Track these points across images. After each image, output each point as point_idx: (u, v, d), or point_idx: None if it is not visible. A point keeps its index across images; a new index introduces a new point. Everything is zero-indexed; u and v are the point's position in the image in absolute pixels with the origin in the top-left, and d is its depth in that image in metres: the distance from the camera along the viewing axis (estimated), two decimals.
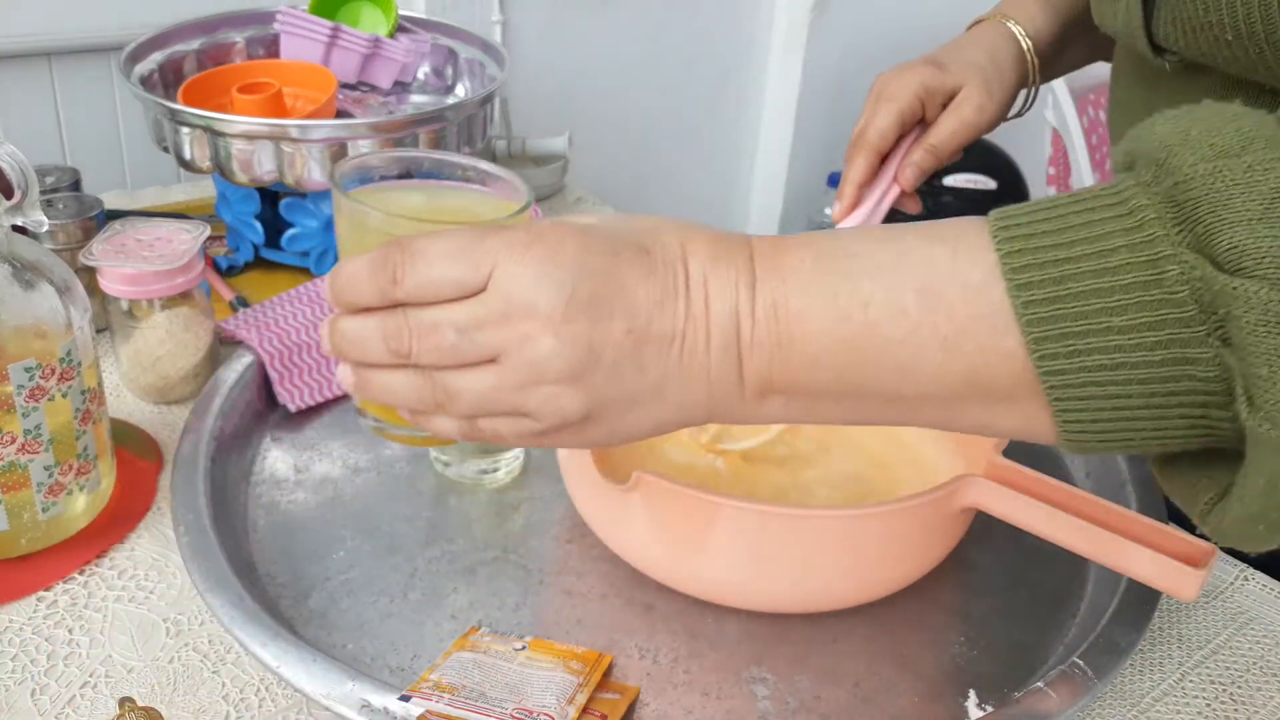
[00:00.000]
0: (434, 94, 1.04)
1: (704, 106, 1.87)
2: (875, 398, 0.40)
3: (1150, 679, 0.58)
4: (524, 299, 0.39)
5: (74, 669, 0.55)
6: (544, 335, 0.39)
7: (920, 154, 0.71)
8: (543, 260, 0.39)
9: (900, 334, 0.38)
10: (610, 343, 0.39)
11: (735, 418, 0.42)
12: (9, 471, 0.58)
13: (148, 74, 0.92)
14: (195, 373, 0.76)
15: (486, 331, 0.40)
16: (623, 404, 0.41)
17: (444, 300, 0.40)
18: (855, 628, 0.59)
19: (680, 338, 0.40)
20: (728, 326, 0.40)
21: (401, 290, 0.40)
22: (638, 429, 0.42)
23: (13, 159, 0.56)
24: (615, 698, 0.53)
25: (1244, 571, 0.65)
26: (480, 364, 0.41)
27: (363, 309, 0.42)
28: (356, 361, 0.43)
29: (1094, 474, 0.72)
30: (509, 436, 0.43)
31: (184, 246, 0.72)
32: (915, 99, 0.70)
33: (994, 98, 0.71)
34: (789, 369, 0.40)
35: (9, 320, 0.56)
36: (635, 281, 0.40)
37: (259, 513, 0.66)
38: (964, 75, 0.71)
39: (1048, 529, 0.53)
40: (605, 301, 0.39)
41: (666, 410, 0.41)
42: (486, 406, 0.41)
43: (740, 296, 0.40)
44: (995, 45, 0.72)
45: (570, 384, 0.40)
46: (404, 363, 0.42)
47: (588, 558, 0.63)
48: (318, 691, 0.50)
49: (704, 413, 0.42)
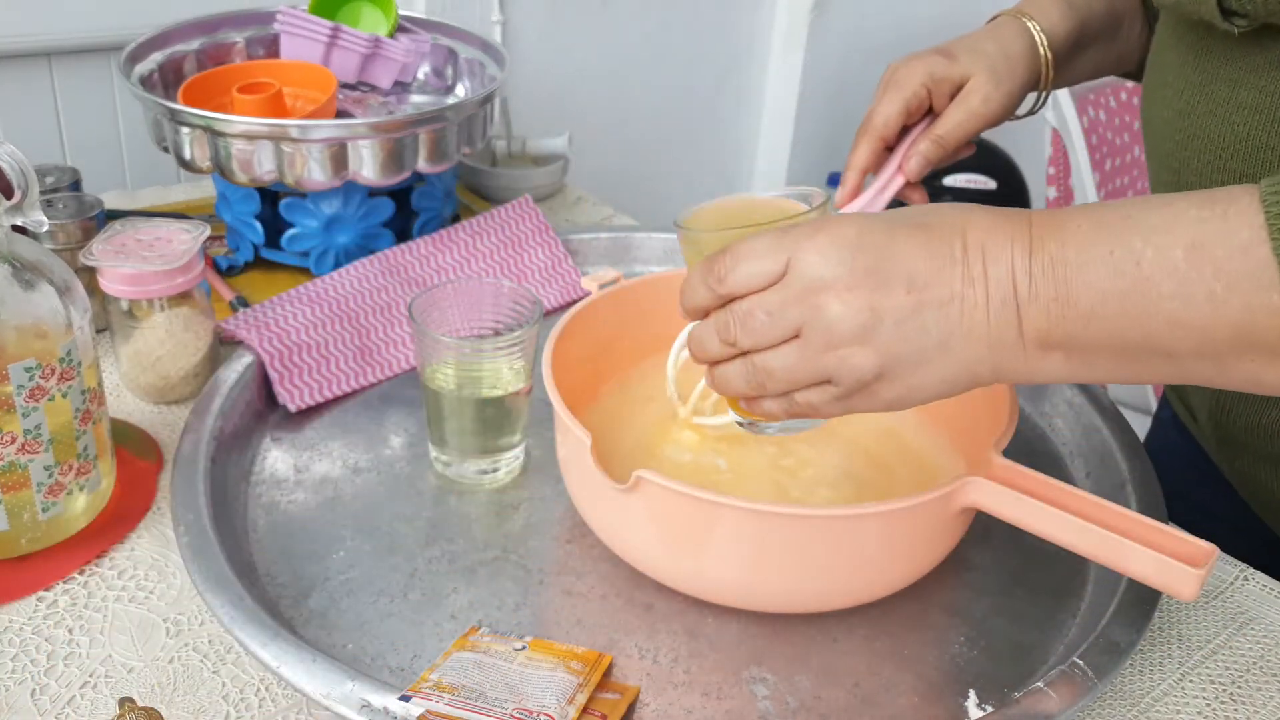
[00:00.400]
0: (434, 94, 1.04)
1: (704, 106, 1.87)
2: (1150, 354, 0.44)
3: (1150, 679, 0.58)
4: (814, 275, 0.46)
5: (74, 669, 0.55)
6: (832, 303, 0.46)
7: (926, 144, 0.71)
8: (827, 243, 0.46)
9: (1170, 288, 0.42)
10: (891, 305, 0.45)
11: (1018, 374, 0.47)
12: (9, 471, 0.58)
13: (148, 74, 0.92)
14: (195, 373, 0.76)
15: (789, 309, 0.47)
16: (911, 361, 0.46)
17: (756, 290, 0.47)
18: (855, 627, 0.59)
19: (959, 299, 0.45)
20: (1005, 285, 0.45)
21: (724, 286, 0.48)
22: (928, 387, 0.47)
23: (12, 159, 0.56)
24: (615, 698, 0.53)
25: (1244, 571, 0.65)
26: (787, 341, 0.47)
27: (702, 311, 0.50)
28: (706, 361, 0.51)
29: (1093, 474, 0.72)
30: (820, 405, 0.48)
31: (184, 246, 0.72)
32: (921, 87, 0.70)
33: (1001, 89, 0.70)
34: (1065, 322, 0.44)
35: (9, 320, 0.56)
36: (912, 252, 0.45)
37: (259, 513, 0.66)
38: (972, 65, 0.70)
39: (1048, 530, 0.53)
40: (884, 270, 0.45)
41: (952, 367, 0.46)
42: (796, 377, 0.48)
43: (1016, 256, 0.44)
44: (1008, 39, 0.72)
45: (860, 344, 0.46)
46: (733, 352, 0.49)
47: (587, 558, 0.63)
48: (318, 691, 0.50)
49: (988, 369, 0.46)
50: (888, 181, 0.72)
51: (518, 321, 0.69)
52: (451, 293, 0.69)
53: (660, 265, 0.95)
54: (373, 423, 0.75)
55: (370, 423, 0.75)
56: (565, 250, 0.93)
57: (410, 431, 0.74)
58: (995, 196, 1.88)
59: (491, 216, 0.93)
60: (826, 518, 0.55)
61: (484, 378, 0.66)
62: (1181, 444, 0.80)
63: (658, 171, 1.86)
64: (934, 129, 0.71)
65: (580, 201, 1.14)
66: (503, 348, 0.65)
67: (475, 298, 0.69)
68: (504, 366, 0.66)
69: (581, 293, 0.90)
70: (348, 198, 0.88)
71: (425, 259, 0.87)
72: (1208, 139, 0.59)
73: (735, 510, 0.54)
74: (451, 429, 0.68)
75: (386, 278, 0.84)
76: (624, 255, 0.95)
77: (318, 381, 0.76)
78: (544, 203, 1.12)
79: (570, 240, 0.94)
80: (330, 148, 0.82)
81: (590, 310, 0.68)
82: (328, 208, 0.88)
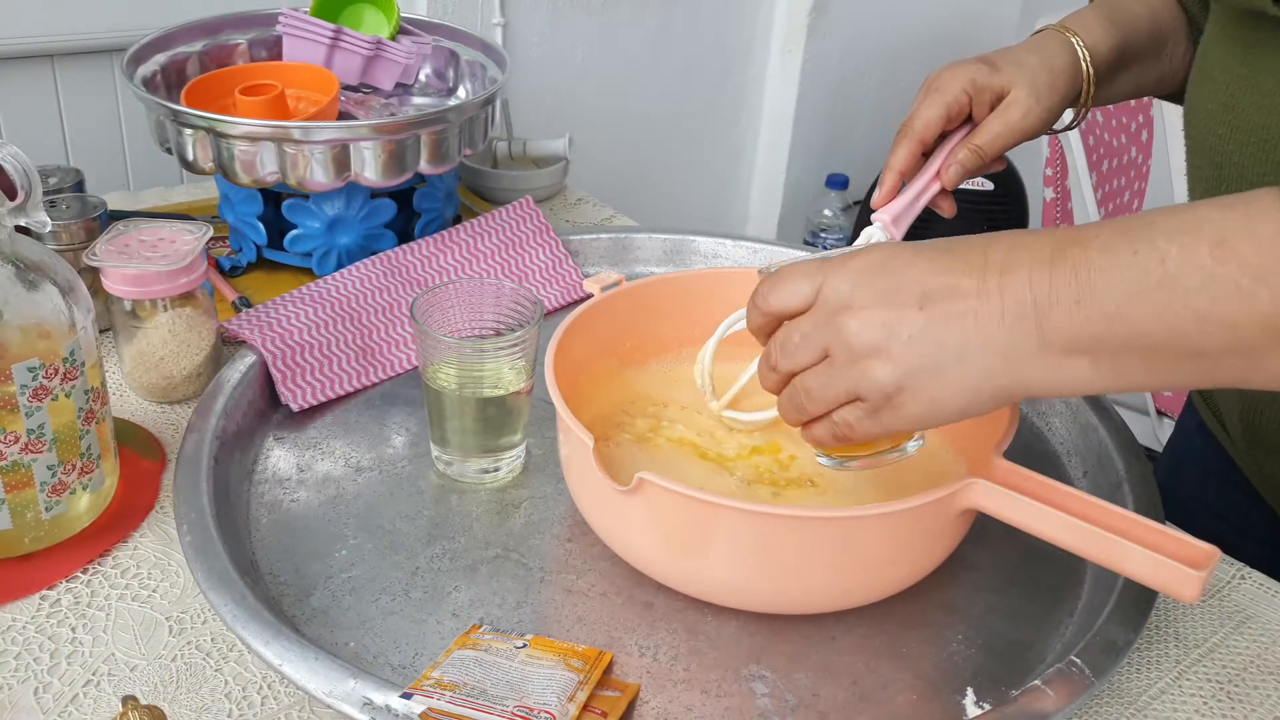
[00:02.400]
0: (435, 96, 1.04)
1: (703, 108, 1.88)
2: (1179, 354, 0.44)
3: (1147, 677, 0.58)
4: (838, 298, 0.49)
5: (77, 667, 0.55)
6: (851, 322, 0.48)
7: (965, 153, 0.71)
8: (854, 269, 0.49)
9: (1197, 282, 0.42)
10: (905, 320, 0.48)
11: (1044, 385, 0.47)
12: (12, 471, 0.58)
13: (150, 75, 0.92)
14: (198, 372, 0.76)
15: (819, 331, 0.50)
16: (928, 373, 0.48)
17: (794, 313, 0.51)
18: (854, 626, 0.60)
19: (973, 313, 0.47)
20: (1023, 297, 0.46)
21: (766, 305, 0.52)
22: (950, 400, 0.48)
23: (15, 159, 0.56)
24: (615, 695, 0.53)
25: (1241, 570, 0.66)
26: (819, 362, 0.50)
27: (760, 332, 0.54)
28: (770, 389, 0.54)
29: (1090, 473, 0.72)
30: (856, 424, 0.50)
31: (187, 247, 0.72)
32: (963, 93, 0.70)
33: (1042, 103, 0.70)
34: (1090, 323, 0.45)
35: (13, 320, 0.57)
36: (930, 270, 0.48)
37: (261, 511, 0.66)
38: (1014, 77, 0.70)
39: (1053, 533, 0.52)
40: (901, 290, 0.48)
41: (971, 379, 0.47)
42: (828, 395, 0.50)
43: (1037, 268, 0.46)
44: (1051, 52, 0.72)
45: (878, 357, 0.48)
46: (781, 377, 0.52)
47: (588, 556, 0.64)
48: (320, 689, 0.50)
49: (1010, 381, 0.47)
50: (925, 187, 0.72)
51: (519, 322, 0.69)
52: (453, 293, 0.69)
53: (660, 266, 0.95)
54: (374, 422, 0.75)
55: (372, 422, 0.75)
56: (566, 251, 0.93)
57: (412, 431, 0.75)
58: (993, 197, 1.88)
59: (493, 217, 0.93)
60: (827, 520, 0.55)
61: (485, 377, 0.67)
62: (1206, 451, 0.80)
63: (658, 172, 1.87)
64: (973, 139, 0.71)
65: (581, 203, 1.15)
66: (504, 348, 0.66)
67: (477, 298, 0.70)
68: (505, 366, 0.67)
69: (582, 293, 0.90)
70: (350, 199, 0.89)
71: (427, 259, 0.88)
72: (1252, 131, 0.59)
73: (737, 512, 0.54)
74: (453, 428, 0.68)
75: (389, 278, 0.85)
76: (624, 256, 0.96)
77: (320, 381, 0.76)
78: (544, 204, 1.13)
79: (571, 241, 0.94)
80: (332, 149, 0.82)
81: (592, 312, 0.69)
82: (330, 209, 0.88)
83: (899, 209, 0.70)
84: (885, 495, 0.65)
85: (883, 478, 0.67)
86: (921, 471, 0.67)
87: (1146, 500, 0.66)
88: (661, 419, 0.70)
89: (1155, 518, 0.63)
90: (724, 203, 2.03)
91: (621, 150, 1.79)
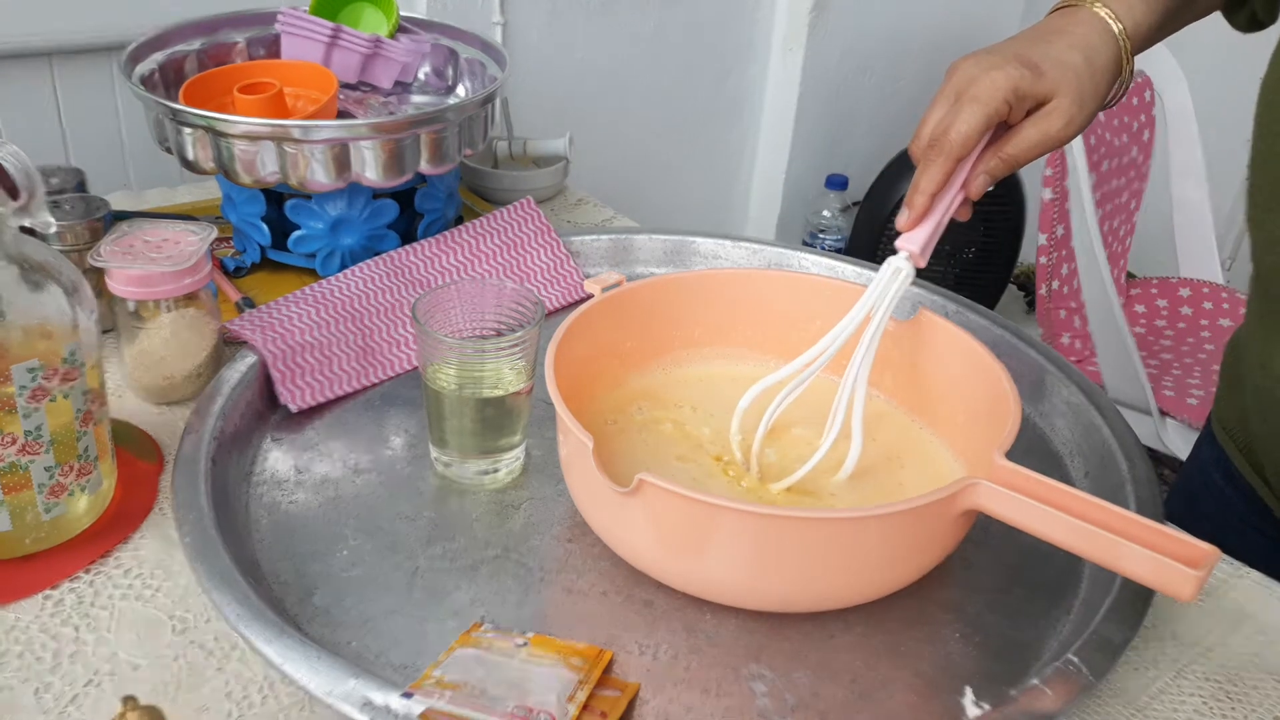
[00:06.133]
0: (435, 94, 1.04)
1: (703, 107, 1.88)
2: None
3: (1146, 676, 0.58)
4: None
5: (79, 666, 0.55)
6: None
7: (996, 161, 0.65)
8: None
9: None
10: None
11: None
12: (10, 473, 0.58)
13: (148, 74, 0.92)
14: (199, 373, 0.76)
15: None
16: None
17: None
18: (853, 625, 0.60)
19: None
20: None
21: None
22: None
23: (16, 159, 0.56)
24: (615, 694, 0.54)
25: (1239, 569, 0.66)
26: None
27: None
28: None
29: (1093, 474, 0.72)
30: None
31: (192, 248, 0.72)
32: (1004, 104, 0.63)
33: (1085, 110, 0.64)
34: None
35: (16, 320, 0.57)
36: None
37: (261, 513, 0.66)
38: (1059, 83, 0.64)
39: (1054, 534, 0.53)
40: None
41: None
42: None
43: None
44: (1093, 47, 0.65)
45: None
46: None
47: (588, 556, 0.64)
48: (320, 689, 0.50)
49: None
50: (952, 201, 0.66)
51: (520, 322, 0.69)
52: (455, 293, 0.69)
53: (661, 267, 0.95)
54: (373, 423, 0.75)
55: (371, 423, 0.75)
56: (567, 251, 0.93)
57: (410, 432, 0.75)
58: (990, 197, 1.88)
59: (494, 218, 0.93)
60: (828, 520, 0.55)
61: (485, 378, 0.67)
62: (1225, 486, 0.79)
63: (658, 171, 1.87)
64: (1005, 146, 0.65)
65: (581, 203, 1.15)
66: (505, 348, 0.66)
67: (478, 298, 0.70)
68: (505, 366, 0.67)
69: (583, 293, 0.90)
70: (352, 199, 0.89)
71: (429, 260, 0.88)
72: None
73: (737, 513, 0.54)
74: (452, 429, 0.68)
75: (391, 279, 0.85)
76: (625, 257, 0.96)
77: (320, 381, 0.76)
78: (545, 204, 1.13)
79: (571, 242, 0.94)
80: (332, 148, 0.82)
81: (592, 312, 0.69)
82: (333, 209, 0.89)
83: (925, 238, 0.65)
84: (885, 496, 0.65)
85: (883, 478, 0.67)
86: (922, 472, 0.67)
87: (1149, 501, 0.66)
88: (662, 420, 0.70)
89: (1156, 518, 0.64)
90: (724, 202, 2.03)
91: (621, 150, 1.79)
